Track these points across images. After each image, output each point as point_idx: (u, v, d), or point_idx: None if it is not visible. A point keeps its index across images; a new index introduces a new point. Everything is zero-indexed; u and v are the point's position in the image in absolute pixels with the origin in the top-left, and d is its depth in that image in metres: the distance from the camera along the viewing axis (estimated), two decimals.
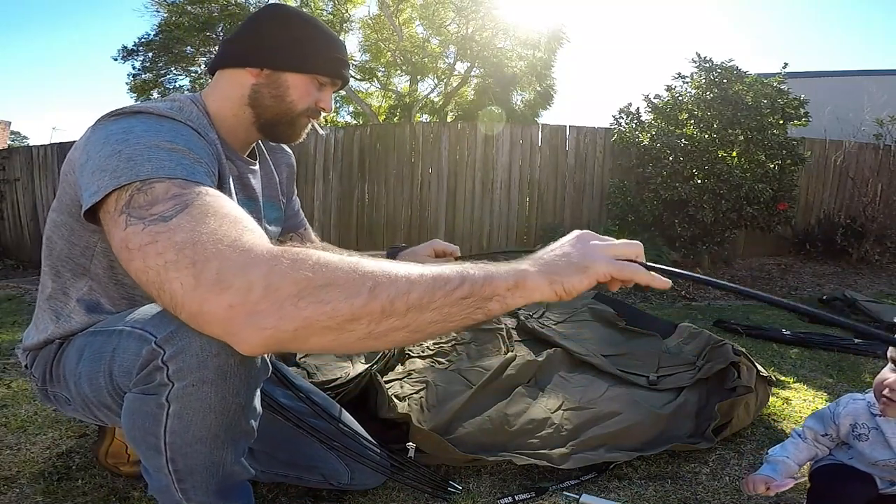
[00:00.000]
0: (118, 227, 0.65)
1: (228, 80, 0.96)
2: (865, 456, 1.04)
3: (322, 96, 1.00)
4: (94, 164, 0.72)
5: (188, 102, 0.92)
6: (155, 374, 0.70)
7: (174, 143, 0.74)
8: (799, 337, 2.58)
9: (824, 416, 1.09)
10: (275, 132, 1.00)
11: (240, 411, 0.74)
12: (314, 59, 0.96)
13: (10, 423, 1.51)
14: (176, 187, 0.66)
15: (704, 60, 4.52)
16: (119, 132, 0.75)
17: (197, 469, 0.75)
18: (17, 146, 9.29)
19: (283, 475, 1.16)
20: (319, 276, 0.57)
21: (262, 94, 0.95)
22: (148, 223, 0.63)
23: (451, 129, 5.26)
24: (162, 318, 0.72)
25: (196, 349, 0.69)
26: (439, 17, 9.97)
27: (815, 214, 5.49)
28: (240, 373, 0.71)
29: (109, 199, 0.68)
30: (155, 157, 0.70)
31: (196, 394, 0.70)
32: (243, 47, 0.96)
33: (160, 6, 9.73)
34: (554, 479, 1.28)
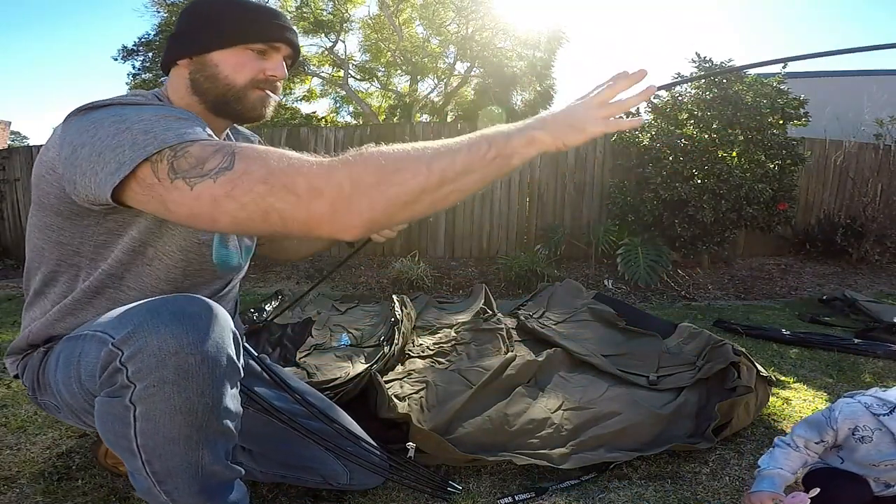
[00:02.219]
0: (180, 191, 0.68)
1: (174, 77, 0.96)
2: (867, 457, 1.04)
3: (267, 65, 0.95)
4: (97, 147, 0.72)
5: (151, 96, 0.92)
6: (116, 376, 0.69)
7: (176, 114, 0.76)
8: (799, 337, 2.58)
9: (818, 423, 1.09)
10: (229, 111, 0.96)
11: (208, 412, 0.72)
12: (234, 30, 0.93)
13: (10, 423, 1.51)
14: (209, 146, 0.70)
15: (704, 60, 4.51)
16: (109, 116, 0.75)
17: (175, 471, 0.74)
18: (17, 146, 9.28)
19: (282, 476, 1.16)
20: (389, 164, 0.69)
21: (197, 80, 0.94)
22: (216, 175, 0.67)
23: (451, 129, 5.26)
24: (121, 320, 0.72)
25: (154, 349, 0.68)
26: (439, 17, 9.96)
27: (815, 214, 5.49)
28: (202, 372, 0.70)
29: (141, 171, 0.69)
30: (170, 126, 0.72)
31: (158, 394, 0.69)
32: (171, 44, 0.96)
33: (160, 6, 9.72)
34: (554, 479, 1.28)
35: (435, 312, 2.71)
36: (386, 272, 4.23)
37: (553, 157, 5.12)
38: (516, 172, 5.11)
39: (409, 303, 2.50)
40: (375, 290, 3.88)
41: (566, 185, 5.13)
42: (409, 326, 2.19)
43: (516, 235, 5.13)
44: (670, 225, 4.32)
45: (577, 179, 5.12)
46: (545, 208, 5.13)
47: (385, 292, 3.71)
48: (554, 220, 5.08)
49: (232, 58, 0.93)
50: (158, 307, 0.71)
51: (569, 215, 5.12)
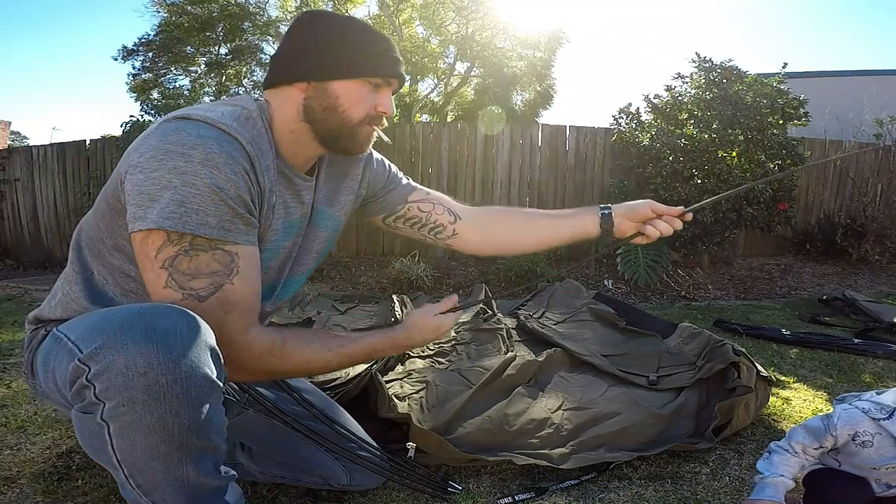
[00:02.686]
0: (158, 279, 0.78)
1: (282, 98, 0.92)
2: (868, 461, 1.04)
3: (380, 99, 0.93)
4: (146, 183, 0.76)
5: (256, 115, 0.89)
6: (84, 392, 0.67)
7: (222, 193, 0.78)
8: (799, 337, 2.58)
9: (817, 430, 1.08)
10: (336, 145, 0.95)
11: (185, 430, 0.70)
12: (359, 61, 0.90)
13: (10, 423, 1.51)
14: (215, 262, 0.79)
15: (704, 60, 4.52)
16: (178, 153, 0.76)
17: (159, 485, 0.72)
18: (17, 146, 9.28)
19: (282, 476, 1.16)
20: (295, 365, 0.93)
21: (313, 108, 0.90)
22: (186, 296, 0.78)
23: (451, 129, 5.26)
24: (92, 330, 0.70)
25: (121, 367, 0.66)
26: (439, 17, 9.96)
27: (815, 214, 5.49)
28: (175, 392, 0.67)
29: (154, 236, 0.77)
30: (204, 207, 0.77)
31: (129, 414, 0.66)
32: (286, 62, 0.92)
33: (160, 6, 9.72)
34: (554, 479, 1.28)
35: None
36: (386, 272, 4.23)
37: (553, 157, 5.13)
38: (516, 172, 5.11)
39: (409, 303, 2.50)
40: (375, 290, 3.88)
41: (566, 185, 5.13)
42: None
43: None
44: None
45: (577, 179, 5.12)
46: (545, 208, 5.11)
47: (385, 292, 3.71)
48: None
49: (353, 90, 0.90)
50: (129, 321, 0.69)
51: None
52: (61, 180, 5.63)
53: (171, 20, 9.63)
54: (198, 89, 9.67)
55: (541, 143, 5.14)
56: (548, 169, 5.12)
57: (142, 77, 10.12)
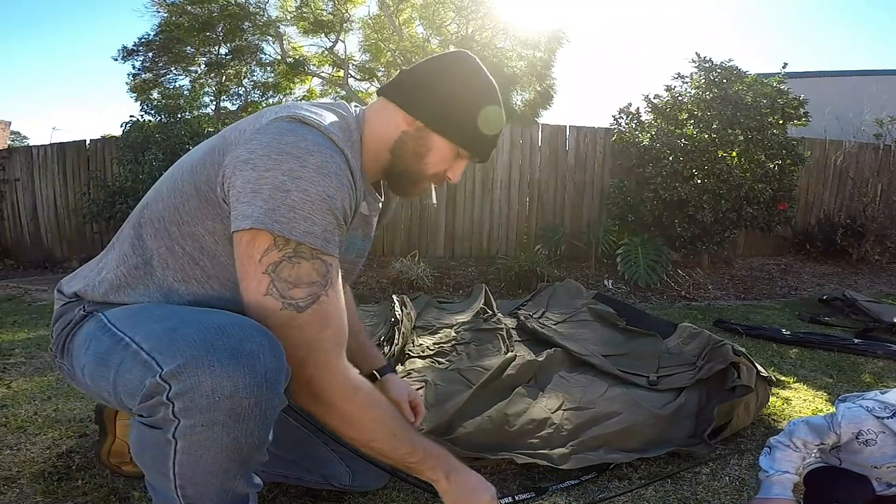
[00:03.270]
0: (259, 284, 0.76)
1: (387, 116, 0.92)
2: (870, 460, 1.04)
3: (455, 166, 0.96)
4: (253, 177, 0.75)
5: (354, 127, 0.90)
6: (159, 408, 0.67)
7: (331, 203, 0.78)
8: (799, 337, 2.58)
9: (820, 427, 1.08)
10: (396, 182, 0.97)
11: (254, 449, 0.72)
12: (468, 132, 0.92)
13: (10, 423, 1.51)
14: (315, 272, 0.78)
15: (704, 60, 4.52)
16: (294, 156, 0.75)
17: (207, 496, 0.73)
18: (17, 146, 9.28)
19: (284, 475, 1.16)
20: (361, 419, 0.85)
21: (405, 145, 0.92)
22: (285, 305, 0.76)
23: None
24: (171, 345, 0.68)
25: (207, 390, 0.65)
26: (439, 17, 9.95)
27: (815, 214, 5.49)
28: (255, 415, 0.68)
29: (259, 237, 0.75)
30: (311, 216, 0.76)
31: (206, 433, 0.67)
32: (412, 90, 0.92)
33: (160, 6, 9.71)
34: (554, 479, 1.28)
35: (435, 312, 2.71)
36: (386, 272, 4.23)
37: (553, 157, 5.13)
38: (516, 172, 5.11)
39: (409, 303, 2.50)
40: (375, 290, 3.88)
41: (566, 185, 5.13)
42: (409, 326, 2.19)
43: (516, 235, 5.13)
44: (670, 225, 4.32)
45: (577, 179, 5.12)
46: (545, 208, 5.13)
47: (385, 292, 3.71)
48: (554, 220, 5.08)
49: (444, 150, 0.93)
50: (214, 339, 0.68)
51: (569, 215, 5.12)
52: (61, 180, 5.63)
53: (171, 20, 9.63)
54: (198, 89, 9.66)
55: (541, 143, 5.14)
56: (548, 169, 5.12)
57: (142, 77, 10.12)
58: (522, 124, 5.90)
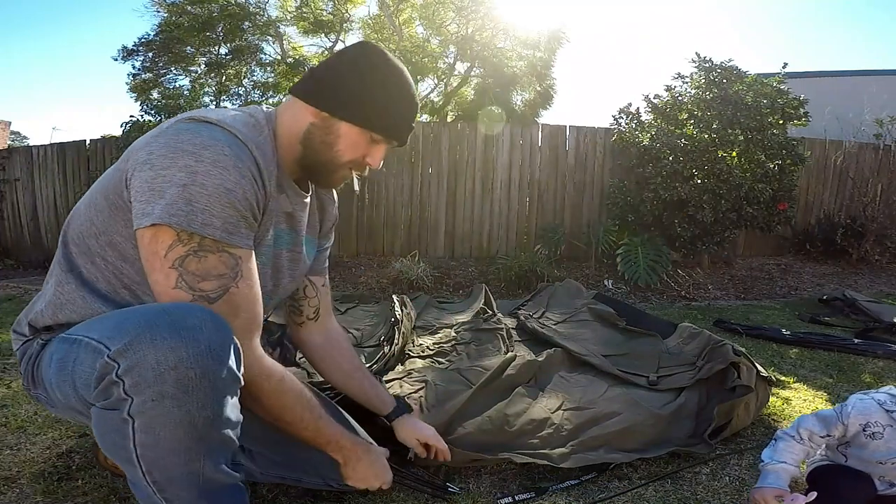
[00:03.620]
0: (167, 279, 0.78)
1: (295, 112, 0.95)
2: (875, 454, 1.04)
3: (373, 151, 0.97)
4: (151, 177, 0.77)
5: (264, 123, 0.92)
6: (112, 389, 0.68)
7: (231, 195, 0.79)
8: (799, 337, 2.58)
9: (828, 417, 1.09)
10: (314, 175, 1.00)
11: (209, 424, 0.72)
12: (374, 115, 0.93)
13: (10, 423, 1.51)
14: (222, 264, 0.80)
15: (704, 60, 4.52)
16: (189, 152, 0.78)
17: (175, 480, 0.73)
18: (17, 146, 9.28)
19: (282, 476, 1.16)
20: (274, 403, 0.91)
21: (313, 136, 0.94)
22: (196, 298, 0.79)
23: (451, 129, 5.26)
24: (118, 329, 0.71)
25: (151, 362, 0.67)
26: (439, 17, 9.95)
27: (815, 214, 5.49)
28: (203, 385, 0.69)
29: (162, 233, 0.77)
30: (210, 208, 0.78)
31: (158, 408, 0.68)
32: (315, 82, 0.95)
33: (160, 6, 9.71)
34: (554, 479, 1.28)
35: (435, 312, 2.71)
36: (386, 272, 4.23)
37: (553, 157, 5.13)
38: (516, 172, 5.11)
39: (409, 303, 2.50)
40: (375, 290, 3.88)
41: (566, 185, 5.13)
42: (409, 326, 2.19)
43: (516, 235, 5.13)
44: (670, 225, 4.32)
45: (577, 179, 5.12)
46: (545, 208, 5.13)
47: (385, 292, 3.71)
48: (554, 220, 5.08)
49: (353, 136, 0.94)
50: (156, 318, 0.70)
51: (569, 215, 5.12)
52: (61, 180, 5.63)
53: (171, 20, 9.62)
54: (198, 89, 9.66)
55: (541, 143, 5.14)
56: (548, 169, 5.12)
57: (142, 77, 10.12)
58: (522, 124, 5.90)
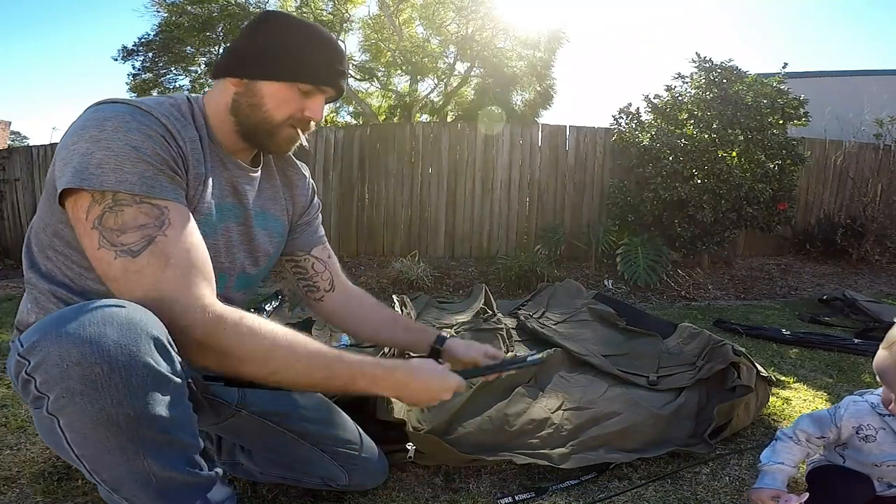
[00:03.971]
0: (91, 240, 0.77)
1: (220, 90, 0.95)
2: (870, 457, 1.04)
3: (309, 104, 0.96)
4: (65, 153, 0.79)
5: (183, 101, 0.93)
6: (28, 386, 0.68)
7: (139, 152, 0.79)
8: (799, 337, 2.58)
9: (822, 419, 1.09)
10: (256, 141, 0.98)
11: (133, 422, 0.67)
12: (290, 66, 0.93)
13: (10, 423, 1.51)
14: (142, 215, 0.78)
15: (704, 60, 4.52)
16: (93, 125, 0.79)
17: (123, 480, 0.71)
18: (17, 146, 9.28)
19: (282, 476, 1.16)
20: (241, 349, 0.79)
21: (240, 103, 0.94)
22: (119, 253, 0.76)
23: (451, 129, 5.26)
24: (35, 327, 0.69)
25: (55, 359, 0.65)
26: (439, 17, 9.95)
27: (815, 214, 5.49)
28: (113, 381, 0.65)
29: (80, 199, 0.77)
30: (120, 167, 0.77)
31: (71, 406, 0.66)
32: (229, 56, 0.96)
33: (160, 6, 9.72)
34: (554, 479, 1.28)
35: (435, 312, 2.71)
36: (386, 272, 4.23)
37: (553, 157, 5.13)
38: (516, 172, 5.11)
39: (409, 303, 2.50)
40: (375, 290, 3.88)
41: (566, 185, 5.13)
42: None
43: (516, 235, 5.13)
44: (670, 225, 4.32)
45: (577, 179, 5.12)
46: (545, 208, 5.13)
47: (385, 292, 3.71)
48: (554, 220, 5.08)
49: (279, 93, 0.93)
50: (66, 315, 0.68)
51: (569, 215, 5.12)
52: None
53: (171, 20, 9.63)
54: (198, 89, 9.67)
55: (541, 143, 5.14)
56: (548, 169, 5.12)
57: (142, 77, 10.13)
58: (522, 124, 5.91)
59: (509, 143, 5.11)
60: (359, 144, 5.15)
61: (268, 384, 0.83)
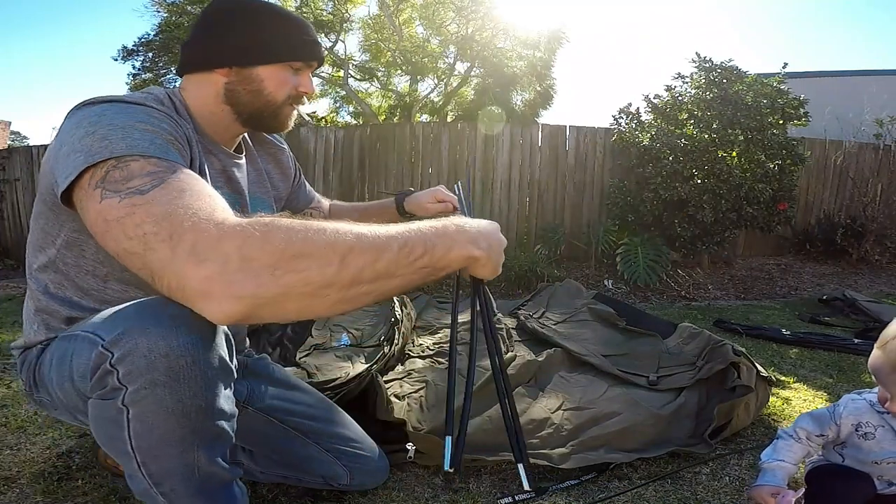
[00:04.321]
0: (93, 201, 0.68)
1: (199, 83, 0.95)
2: (870, 455, 1.04)
3: (301, 80, 0.99)
4: (68, 148, 0.74)
5: (163, 94, 0.92)
6: (107, 379, 0.68)
7: (147, 124, 0.76)
8: (799, 337, 2.58)
9: (822, 417, 1.09)
10: (260, 124, 1.01)
11: (202, 413, 0.71)
12: (281, 46, 0.95)
13: (10, 423, 1.51)
14: (151, 165, 0.70)
15: (704, 60, 4.52)
16: (91, 115, 0.76)
17: (171, 472, 0.73)
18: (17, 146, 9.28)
19: (283, 476, 1.16)
20: (292, 246, 0.61)
21: (236, 91, 0.94)
22: (124, 195, 0.66)
23: (451, 129, 5.26)
24: (112, 321, 0.71)
25: (143, 350, 0.67)
26: (439, 17, 9.95)
27: (815, 214, 5.49)
28: (194, 373, 0.69)
29: (84, 177, 0.70)
30: (129, 136, 0.72)
31: (150, 397, 0.68)
32: (204, 50, 0.95)
33: (160, 6, 9.72)
34: (554, 479, 1.28)
35: (435, 312, 2.71)
36: None
37: (553, 157, 5.12)
38: (516, 172, 5.11)
39: (409, 303, 2.50)
40: None
41: (566, 185, 5.13)
42: (409, 326, 2.19)
43: (516, 235, 5.13)
44: (670, 225, 4.32)
45: (577, 179, 5.12)
46: (545, 208, 5.13)
47: None
48: (554, 220, 5.08)
49: (276, 75, 0.95)
50: (148, 308, 0.70)
51: (569, 215, 5.12)
52: None
53: (171, 20, 9.63)
54: None
55: (541, 143, 5.14)
56: (548, 169, 5.12)
57: (142, 77, 10.12)
58: (522, 124, 5.90)
59: (509, 143, 5.11)
60: (359, 144, 5.15)
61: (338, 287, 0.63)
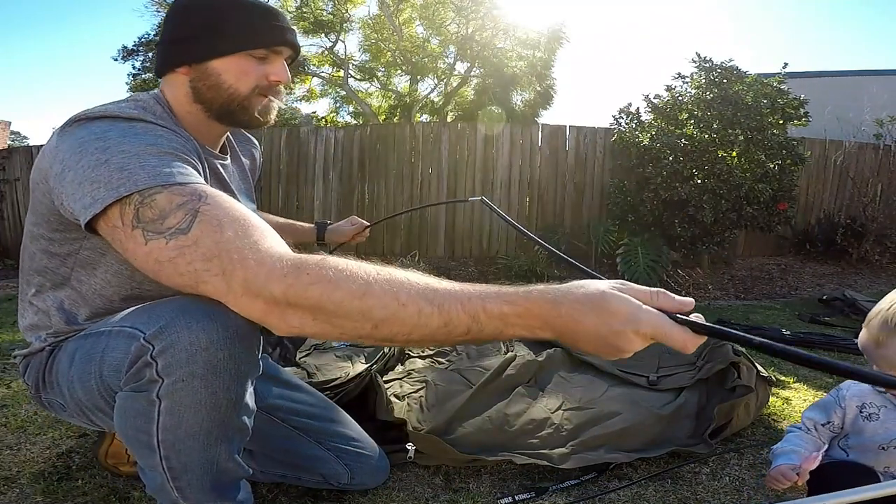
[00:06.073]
0: (137, 243, 0.70)
1: (171, 85, 0.93)
2: (875, 438, 1.04)
3: (270, 69, 0.93)
4: (78, 175, 0.72)
5: (152, 101, 0.90)
6: (144, 371, 0.70)
7: (158, 147, 0.76)
8: (799, 337, 2.58)
9: (826, 403, 1.10)
10: (234, 119, 0.95)
11: (231, 407, 0.74)
12: (233, 37, 0.90)
13: (10, 423, 1.51)
14: (176, 196, 0.71)
15: (704, 60, 4.52)
16: (94, 139, 0.74)
17: (191, 466, 0.75)
18: (17, 146, 9.29)
19: (283, 475, 1.16)
20: (327, 303, 0.64)
21: (199, 89, 0.91)
22: (169, 237, 0.69)
23: (451, 129, 5.26)
24: (151, 315, 0.73)
25: (185, 343, 0.69)
26: (439, 17, 9.96)
27: (815, 214, 5.49)
28: (229, 368, 0.72)
29: (111, 211, 0.71)
30: (146, 164, 0.72)
31: (186, 389, 0.70)
32: (165, 51, 0.93)
33: (160, 6, 9.72)
34: (554, 479, 1.28)
35: None
36: None
37: (553, 157, 5.13)
38: (516, 172, 5.11)
39: None
40: None
41: (566, 185, 5.13)
42: None
43: (516, 235, 5.13)
44: (670, 225, 4.32)
45: (577, 179, 5.12)
46: (545, 208, 5.13)
47: None
48: (554, 220, 5.08)
49: (234, 66, 0.90)
50: (188, 304, 0.72)
51: (569, 215, 5.12)
52: None
53: None
54: None
55: (541, 143, 5.14)
56: (548, 169, 5.12)
57: (142, 77, 10.14)
58: (522, 124, 5.91)
59: (509, 143, 5.11)
60: (359, 144, 5.15)
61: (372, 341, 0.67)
